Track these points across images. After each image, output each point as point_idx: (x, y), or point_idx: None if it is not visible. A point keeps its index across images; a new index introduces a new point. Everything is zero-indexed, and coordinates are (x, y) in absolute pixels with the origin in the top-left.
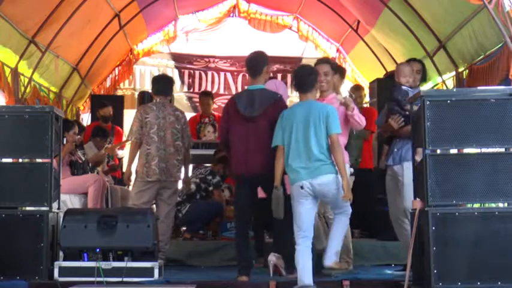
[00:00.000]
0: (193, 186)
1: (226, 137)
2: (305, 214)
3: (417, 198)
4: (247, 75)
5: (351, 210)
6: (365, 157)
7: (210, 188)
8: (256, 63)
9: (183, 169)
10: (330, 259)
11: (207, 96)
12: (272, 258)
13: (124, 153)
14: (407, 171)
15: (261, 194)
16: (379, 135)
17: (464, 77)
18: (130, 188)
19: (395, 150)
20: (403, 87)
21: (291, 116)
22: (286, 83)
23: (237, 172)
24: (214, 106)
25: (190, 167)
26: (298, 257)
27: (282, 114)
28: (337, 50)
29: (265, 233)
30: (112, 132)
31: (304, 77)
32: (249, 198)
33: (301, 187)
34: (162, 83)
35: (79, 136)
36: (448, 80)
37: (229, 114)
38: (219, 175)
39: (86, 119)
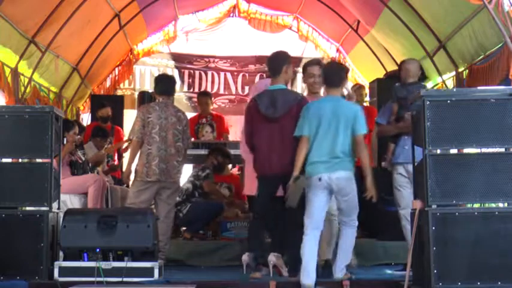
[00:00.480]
0: (189, 186)
1: (252, 139)
2: (318, 206)
3: (417, 198)
4: (247, 75)
5: (357, 223)
6: None
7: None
8: (276, 62)
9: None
10: (341, 272)
11: (205, 96)
12: (272, 258)
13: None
14: None
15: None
16: (379, 133)
17: (464, 77)
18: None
19: (406, 147)
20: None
21: (318, 109)
22: None
23: (261, 172)
24: (214, 106)
25: (185, 167)
26: (304, 247)
27: (307, 106)
28: (337, 50)
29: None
30: (112, 132)
31: (334, 74)
32: (271, 198)
33: (320, 179)
34: (165, 83)
35: (79, 136)
36: (448, 80)
37: (252, 116)
38: (212, 166)
39: (86, 119)
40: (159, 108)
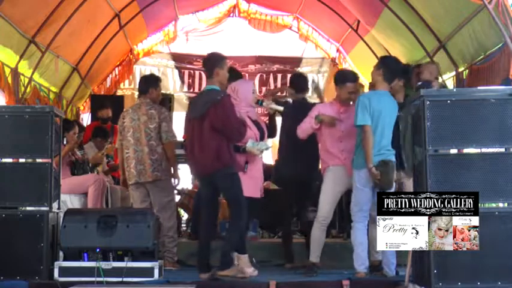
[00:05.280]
0: None
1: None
2: (369, 197)
3: None
4: (247, 75)
5: None
6: None
7: None
8: (208, 65)
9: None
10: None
11: None
12: None
13: None
14: None
15: (256, 194)
16: None
17: (464, 77)
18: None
19: None
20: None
21: (380, 103)
22: (285, 83)
23: (192, 172)
24: None
25: (184, 167)
26: (357, 237)
27: (368, 97)
28: (337, 50)
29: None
30: (112, 132)
31: (393, 70)
32: (207, 197)
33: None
34: (141, 84)
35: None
36: (448, 80)
37: (188, 117)
38: None
39: (86, 119)
40: (132, 111)
